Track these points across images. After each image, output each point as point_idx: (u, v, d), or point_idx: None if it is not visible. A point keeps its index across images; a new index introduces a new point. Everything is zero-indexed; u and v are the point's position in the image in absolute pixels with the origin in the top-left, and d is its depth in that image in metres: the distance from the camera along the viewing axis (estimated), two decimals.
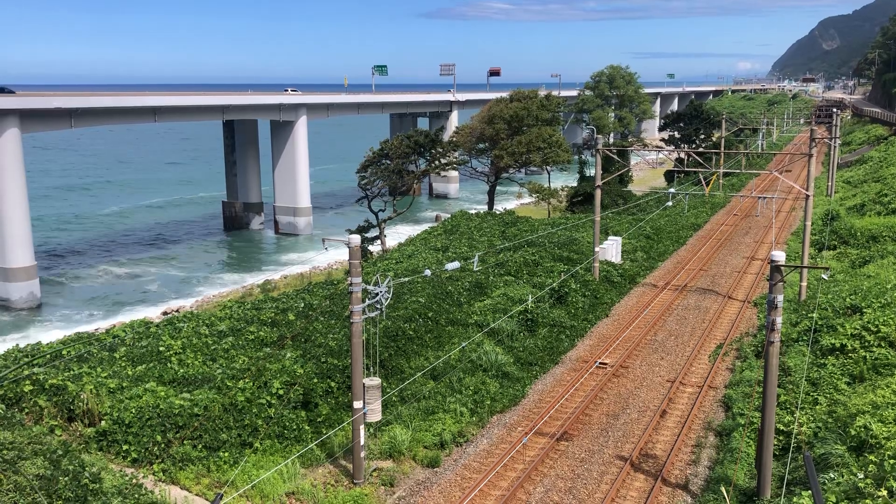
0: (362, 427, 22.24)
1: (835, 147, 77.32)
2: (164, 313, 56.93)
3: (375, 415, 22.61)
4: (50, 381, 23.73)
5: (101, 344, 29.13)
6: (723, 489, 20.88)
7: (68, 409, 23.21)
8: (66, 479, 18.25)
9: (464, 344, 31.25)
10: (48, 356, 27.02)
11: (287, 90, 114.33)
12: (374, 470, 23.34)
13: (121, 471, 20.84)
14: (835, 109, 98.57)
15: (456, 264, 25.33)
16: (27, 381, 23.67)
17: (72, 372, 25.42)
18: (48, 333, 51.01)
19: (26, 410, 23.04)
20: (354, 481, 22.52)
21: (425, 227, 71.54)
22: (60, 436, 22.29)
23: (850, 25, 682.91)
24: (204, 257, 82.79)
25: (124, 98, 79.85)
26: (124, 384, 24.81)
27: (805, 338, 30.08)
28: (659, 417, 27.53)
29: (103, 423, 22.76)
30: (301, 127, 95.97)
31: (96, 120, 77.30)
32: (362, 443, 22.33)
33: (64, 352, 27.56)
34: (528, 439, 25.69)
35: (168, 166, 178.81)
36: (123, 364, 27.01)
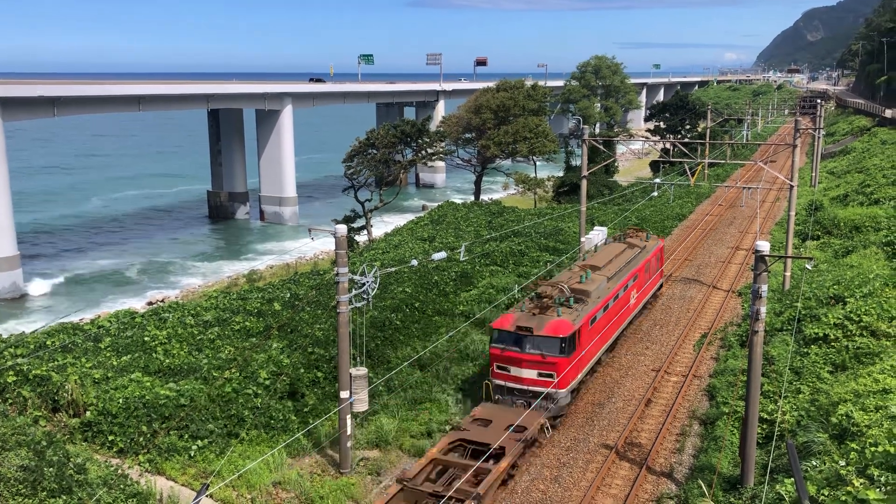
0: (349, 417, 22.26)
1: (819, 138, 77.80)
2: (150, 303, 56.62)
3: (362, 404, 22.63)
4: (34, 372, 23.60)
5: (86, 334, 28.97)
6: (702, 482, 21.05)
7: (53, 400, 23.10)
8: (51, 470, 18.19)
9: (450, 333, 31.31)
10: (32, 346, 26.85)
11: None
12: (361, 459, 23.38)
13: (106, 461, 20.79)
14: (819, 100, 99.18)
15: (442, 254, 25.32)
16: (11, 372, 23.53)
17: (56, 362, 25.29)
18: (32, 324, 50.63)
19: (10, 401, 22.91)
20: (341, 471, 22.56)
21: (412, 217, 71.47)
22: (45, 427, 22.19)
23: (834, 17, 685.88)
24: (189, 247, 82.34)
25: (108, 87, 79.14)
26: (109, 375, 24.71)
27: (789, 327, 30.34)
28: (644, 406, 27.71)
29: (88, 413, 22.67)
30: (286, 116, 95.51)
31: (80, 108, 76.60)
32: (349, 432, 22.36)
33: (48, 342, 27.40)
34: None
35: (153, 155, 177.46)
36: (108, 354, 26.88)
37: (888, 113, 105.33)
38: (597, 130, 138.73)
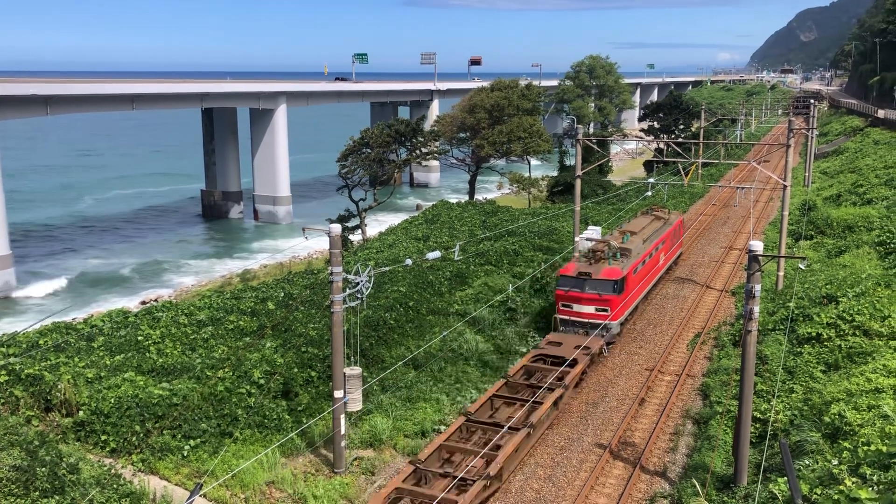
0: (343, 416, 22.24)
1: (812, 138, 78.05)
2: (143, 303, 56.48)
3: (356, 404, 22.61)
4: (26, 371, 23.50)
5: (79, 333, 28.88)
6: (695, 481, 21.11)
7: (45, 400, 23.00)
8: (44, 469, 18.12)
9: (445, 333, 31.30)
10: (25, 346, 26.75)
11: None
12: (355, 459, 23.36)
13: (99, 461, 20.72)
14: (812, 101, 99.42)
15: (437, 254, 25.33)
16: (3, 371, 23.43)
17: (49, 362, 25.20)
18: (24, 323, 50.44)
19: (2, 401, 22.79)
20: (335, 470, 22.54)
21: (406, 216, 71.43)
22: (37, 426, 22.10)
23: (827, 17, 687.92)
24: (182, 246, 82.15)
25: (101, 85, 78.90)
26: (102, 374, 24.63)
27: (782, 327, 30.43)
28: (637, 405, 27.76)
29: (81, 413, 22.59)
30: (281, 115, 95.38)
31: (73, 107, 76.36)
32: (343, 432, 22.34)
33: (41, 341, 27.29)
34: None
35: (146, 154, 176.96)
36: (101, 354, 26.80)
37: (881, 113, 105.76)
38: (591, 130, 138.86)
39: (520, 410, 25.12)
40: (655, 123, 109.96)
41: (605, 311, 31.96)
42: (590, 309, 32.17)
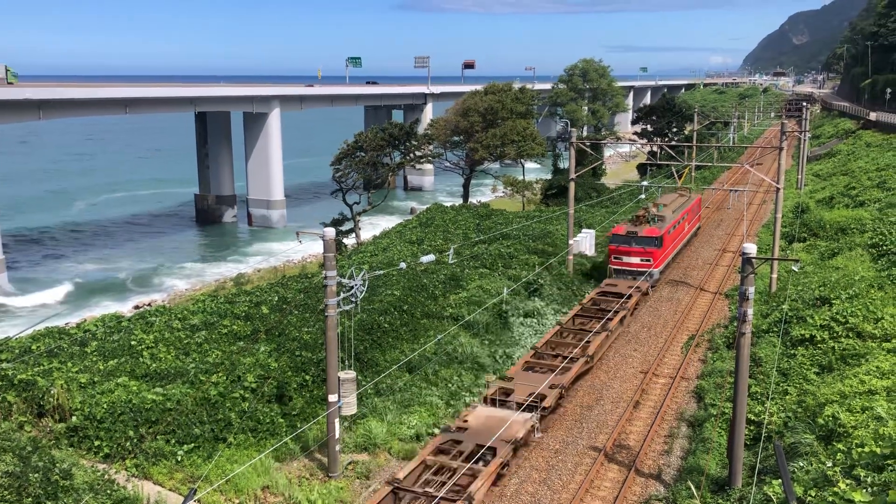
0: (337, 420, 22.19)
1: (805, 140, 78.34)
2: (136, 307, 56.29)
3: (350, 408, 22.56)
4: (19, 377, 23.39)
5: (72, 338, 28.78)
6: (690, 483, 21.12)
7: (38, 405, 22.89)
8: (37, 475, 18.02)
9: (439, 336, 31.28)
10: (17, 351, 26.63)
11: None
12: (350, 463, 23.31)
13: (92, 467, 20.62)
14: (804, 103, 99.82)
15: (431, 257, 25.32)
16: None
17: (42, 367, 25.08)
18: (17, 328, 50.24)
19: None
20: (330, 475, 22.48)
21: (400, 219, 71.40)
22: (30, 432, 21.99)
23: (819, 20, 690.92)
24: (176, 251, 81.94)
25: (94, 89, 78.79)
26: (96, 379, 24.53)
27: (776, 329, 30.50)
28: (632, 408, 27.78)
29: (74, 418, 22.49)
30: (274, 119, 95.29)
31: (66, 111, 76.17)
32: (337, 436, 22.29)
33: (33, 346, 27.19)
34: None
35: (139, 158, 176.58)
36: (95, 359, 26.69)
37: (873, 116, 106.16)
38: (584, 133, 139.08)
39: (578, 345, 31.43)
40: (649, 126, 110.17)
41: (649, 260, 41.62)
42: (636, 259, 41.82)
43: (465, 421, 24.48)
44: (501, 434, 23.07)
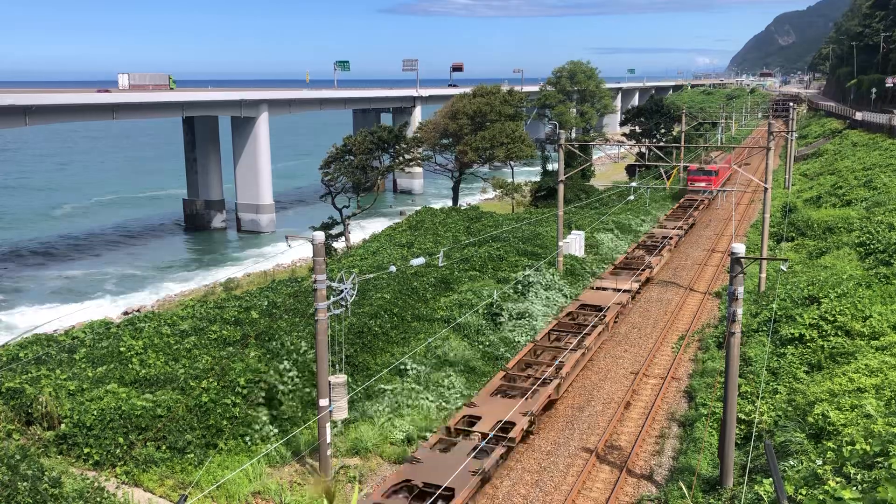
0: (328, 425, 22.13)
1: (791, 140, 78.77)
2: (125, 313, 55.99)
3: (341, 412, 22.50)
4: (7, 385, 23.22)
5: (60, 345, 28.57)
6: (682, 483, 21.17)
7: (26, 413, 22.73)
8: (25, 484, 17.87)
9: (430, 339, 31.25)
10: (5, 359, 26.43)
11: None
12: (341, 467, 23.24)
13: (82, 474, 20.48)
14: (791, 104, 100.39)
15: (421, 260, 25.31)
16: None
17: (29, 374, 24.90)
18: (3, 335, 49.86)
19: None
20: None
21: (390, 223, 71.31)
22: (18, 440, 21.83)
23: (804, 21, 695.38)
24: (165, 256, 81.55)
25: (81, 95, 78.42)
26: (84, 386, 24.37)
27: (765, 328, 30.62)
28: (623, 409, 27.83)
29: (63, 426, 22.34)
30: (262, 123, 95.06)
31: (52, 117, 75.78)
32: (328, 441, 22.23)
33: (21, 354, 26.98)
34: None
35: (127, 163, 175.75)
36: (83, 365, 26.51)
37: (858, 115, 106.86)
38: (573, 135, 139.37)
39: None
40: (637, 128, 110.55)
41: (710, 183, 71.88)
42: (703, 183, 72.28)
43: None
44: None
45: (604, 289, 40.39)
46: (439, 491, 19.75)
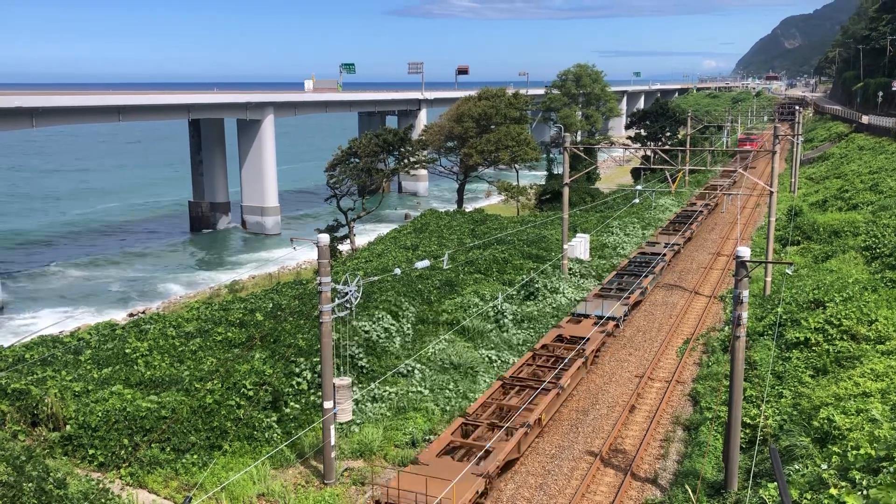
0: (333, 427, 22.14)
1: (797, 144, 78.60)
2: (130, 315, 56.13)
3: (346, 414, 22.51)
4: (13, 386, 23.31)
5: (66, 347, 28.67)
6: (686, 487, 21.12)
7: (32, 414, 22.82)
8: (31, 485, 17.93)
9: (434, 342, 31.24)
10: (11, 360, 26.53)
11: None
12: (346, 470, 23.25)
13: (87, 475, 20.54)
14: (797, 107, 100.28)
15: (426, 263, 25.33)
16: None
17: (35, 376, 24.99)
18: (10, 337, 50.02)
19: None
20: (325, 481, 22.41)
21: (395, 225, 71.39)
22: (24, 441, 21.91)
23: (811, 24, 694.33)
24: (170, 258, 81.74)
25: (87, 97, 78.55)
26: (90, 387, 24.45)
27: (770, 332, 30.54)
28: (628, 412, 27.77)
29: (68, 427, 22.41)
30: (268, 126, 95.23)
31: (59, 119, 76.00)
32: (333, 443, 22.23)
33: (27, 355, 27.08)
34: None
35: (133, 165, 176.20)
36: (89, 367, 26.60)
37: (865, 119, 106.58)
38: (578, 138, 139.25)
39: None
40: (642, 131, 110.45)
41: (753, 146, 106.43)
42: (748, 148, 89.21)
43: None
44: None
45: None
46: None
